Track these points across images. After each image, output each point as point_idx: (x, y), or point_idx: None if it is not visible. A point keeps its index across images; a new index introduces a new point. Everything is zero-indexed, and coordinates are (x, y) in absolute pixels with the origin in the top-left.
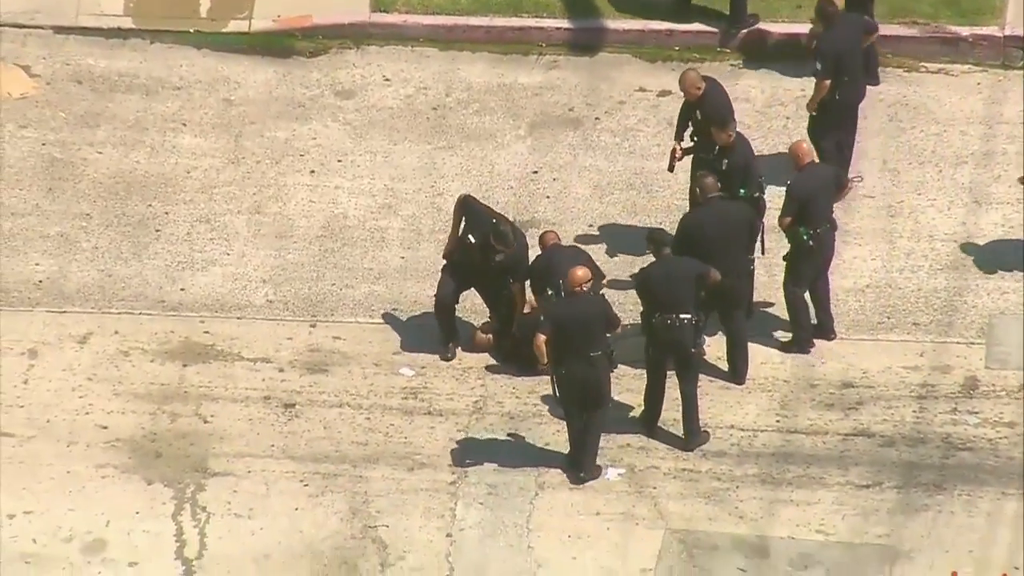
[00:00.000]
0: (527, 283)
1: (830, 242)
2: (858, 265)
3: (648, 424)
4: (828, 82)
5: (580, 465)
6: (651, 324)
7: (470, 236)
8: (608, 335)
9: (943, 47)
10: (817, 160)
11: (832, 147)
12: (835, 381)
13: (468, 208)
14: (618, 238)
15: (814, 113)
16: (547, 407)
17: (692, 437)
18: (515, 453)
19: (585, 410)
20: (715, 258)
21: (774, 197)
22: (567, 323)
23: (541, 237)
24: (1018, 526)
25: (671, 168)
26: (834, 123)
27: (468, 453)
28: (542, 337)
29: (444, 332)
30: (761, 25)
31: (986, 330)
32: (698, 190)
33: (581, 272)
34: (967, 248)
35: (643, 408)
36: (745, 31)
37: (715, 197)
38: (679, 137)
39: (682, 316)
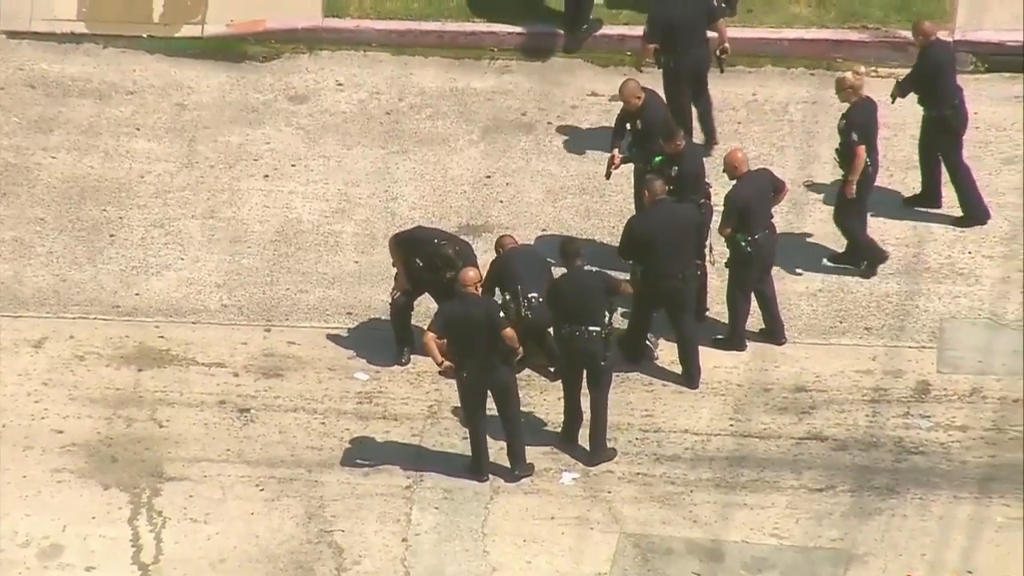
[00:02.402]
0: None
1: (770, 247)
2: (810, 269)
3: (568, 437)
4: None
5: (513, 461)
6: (561, 335)
7: (417, 260)
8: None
9: (893, 52)
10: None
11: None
12: (788, 385)
13: (402, 243)
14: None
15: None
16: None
17: (597, 451)
18: (470, 457)
19: (498, 412)
20: (662, 260)
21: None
22: (457, 325)
23: (499, 241)
24: (970, 530)
25: (608, 175)
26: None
27: (423, 458)
28: (430, 335)
29: (399, 337)
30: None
31: (938, 334)
32: (646, 193)
33: (472, 273)
34: (918, 252)
35: (563, 423)
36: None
37: (663, 199)
38: (615, 144)
39: (591, 328)
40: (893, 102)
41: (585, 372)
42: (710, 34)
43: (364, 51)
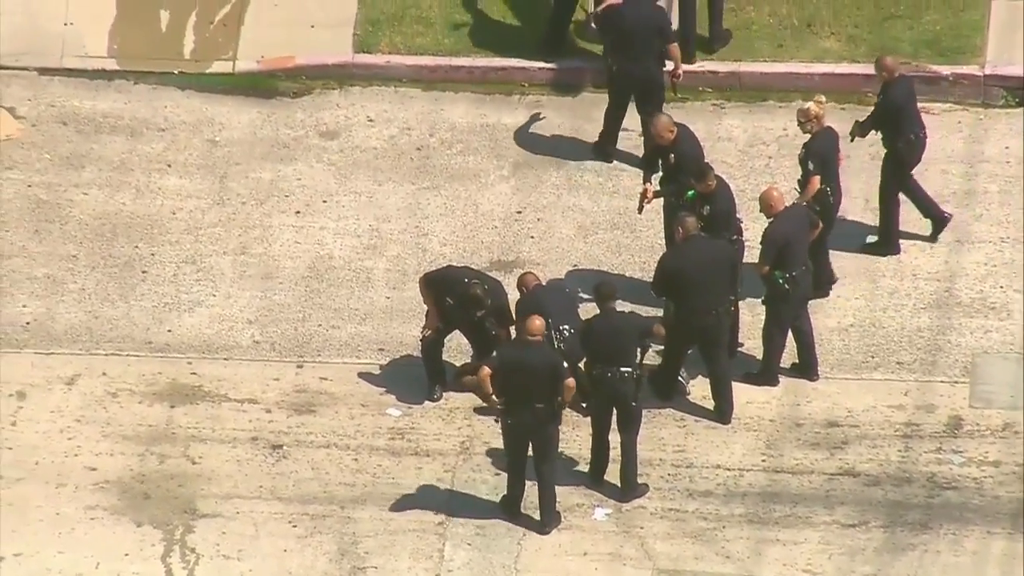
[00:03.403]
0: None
1: (807, 283)
2: (842, 304)
3: (595, 477)
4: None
5: (542, 512)
6: (592, 376)
7: (448, 299)
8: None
9: (924, 86)
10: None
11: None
12: (820, 420)
13: (432, 282)
14: (602, 278)
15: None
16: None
17: (629, 489)
18: (502, 493)
19: (534, 460)
20: (696, 296)
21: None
22: (516, 371)
23: (521, 279)
24: (1003, 565)
25: (640, 210)
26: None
27: (456, 494)
28: (486, 370)
29: (430, 373)
30: (743, 65)
31: (970, 369)
32: (680, 229)
33: (539, 322)
34: (949, 287)
35: (590, 461)
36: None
37: (696, 235)
38: (648, 179)
39: (623, 369)
40: (852, 140)
41: (616, 412)
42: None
43: (395, 87)
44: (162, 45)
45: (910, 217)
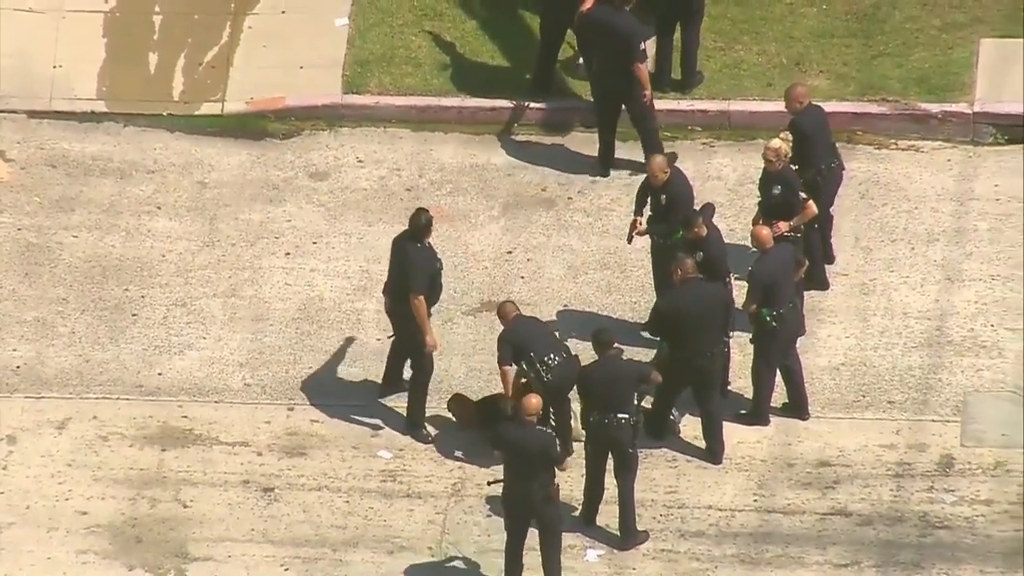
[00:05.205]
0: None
1: (795, 321)
2: (832, 343)
3: (587, 520)
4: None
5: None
6: (590, 423)
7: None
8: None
9: (913, 124)
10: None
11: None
12: (812, 460)
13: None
14: (593, 319)
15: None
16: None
17: (629, 537)
18: (495, 535)
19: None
20: (692, 338)
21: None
22: (510, 449)
23: (501, 309)
24: None
25: (629, 239)
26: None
27: (448, 535)
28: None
29: (421, 413)
30: (732, 104)
31: (961, 407)
32: (677, 271)
33: (535, 401)
34: (940, 326)
35: (582, 504)
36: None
37: (693, 278)
38: (639, 212)
39: (620, 416)
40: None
41: (613, 458)
42: None
43: (384, 127)
44: (151, 87)
45: (899, 254)
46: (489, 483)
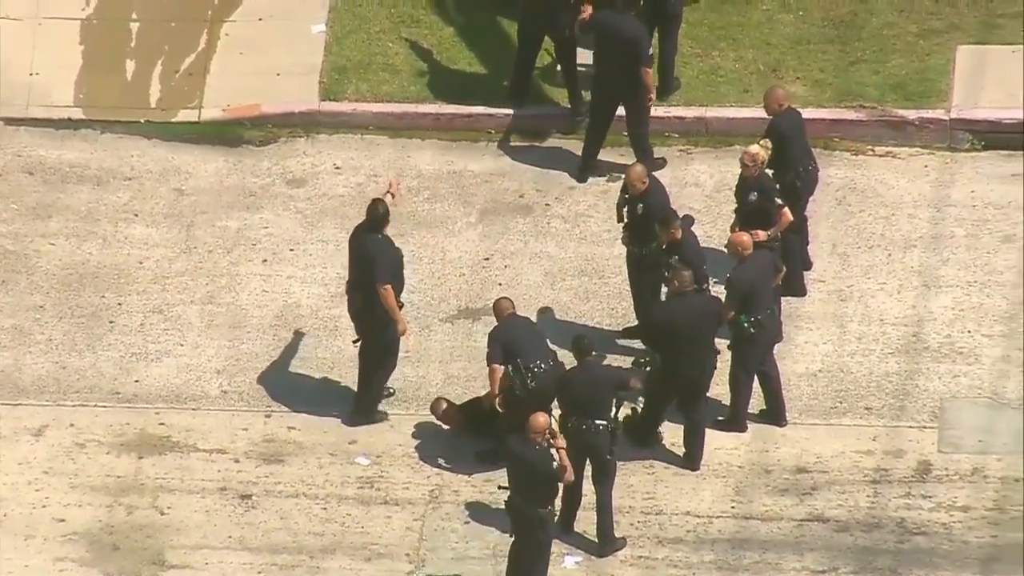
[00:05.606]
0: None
1: (772, 326)
2: (809, 349)
3: (565, 526)
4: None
5: None
6: (567, 428)
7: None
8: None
9: (890, 131)
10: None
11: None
12: (789, 466)
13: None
14: (570, 325)
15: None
16: (503, 495)
17: (607, 543)
18: (472, 542)
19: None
20: (685, 349)
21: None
22: (514, 465)
23: (496, 304)
24: None
25: (620, 219)
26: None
27: (425, 542)
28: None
29: (372, 408)
30: (709, 110)
31: (938, 414)
32: (674, 283)
33: (543, 420)
34: (917, 332)
35: (560, 510)
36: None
37: (690, 291)
38: (621, 219)
39: (599, 422)
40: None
41: (591, 465)
42: None
43: (361, 134)
44: (128, 94)
45: (876, 260)
46: (500, 487)
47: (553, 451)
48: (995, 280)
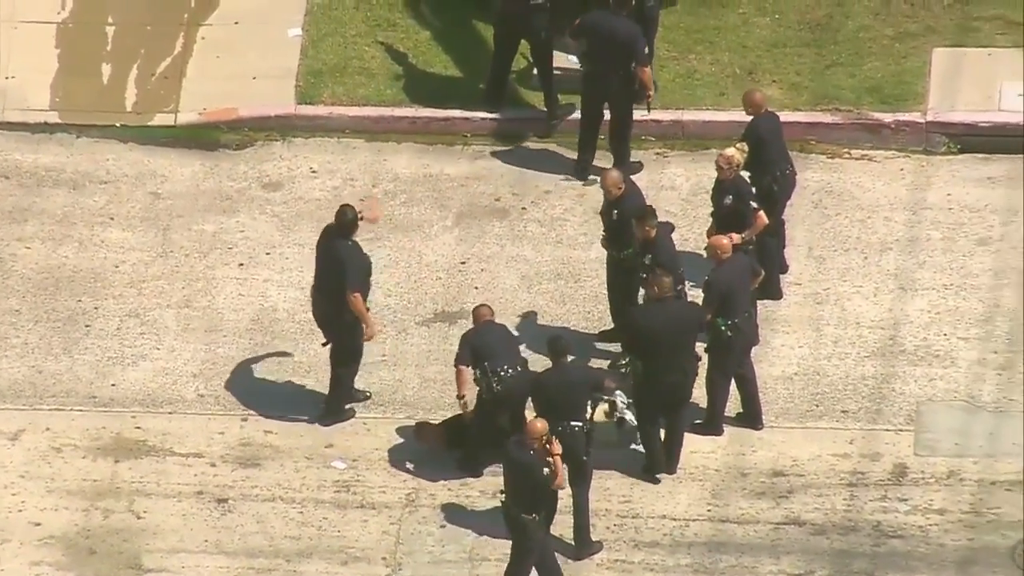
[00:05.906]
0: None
1: (749, 329)
2: (786, 353)
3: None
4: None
5: None
6: None
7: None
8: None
9: (866, 133)
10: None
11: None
12: (766, 469)
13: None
14: (547, 328)
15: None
16: (479, 499)
17: (583, 547)
18: (449, 545)
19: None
20: (665, 356)
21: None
22: (510, 468)
23: (476, 310)
24: None
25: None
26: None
27: (402, 546)
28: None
29: (341, 408)
30: (686, 114)
31: (914, 417)
32: (655, 288)
33: (540, 426)
34: (894, 335)
35: None
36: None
37: (670, 297)
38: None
39: (574, 424)
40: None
41: (567, 467)
42: None
43: (338, 138)
44: (104, 98)
45: (852, 264)
46: (501, 491)
47: (548, 458)
48: (971, 283)
